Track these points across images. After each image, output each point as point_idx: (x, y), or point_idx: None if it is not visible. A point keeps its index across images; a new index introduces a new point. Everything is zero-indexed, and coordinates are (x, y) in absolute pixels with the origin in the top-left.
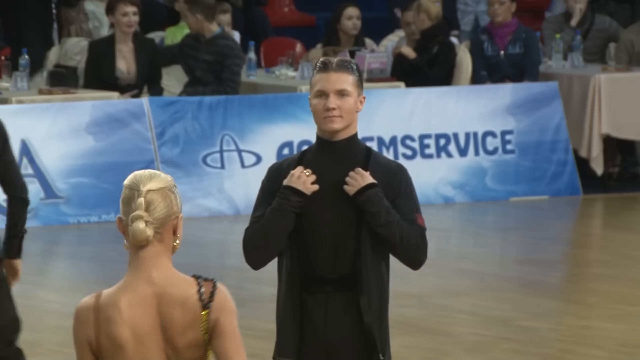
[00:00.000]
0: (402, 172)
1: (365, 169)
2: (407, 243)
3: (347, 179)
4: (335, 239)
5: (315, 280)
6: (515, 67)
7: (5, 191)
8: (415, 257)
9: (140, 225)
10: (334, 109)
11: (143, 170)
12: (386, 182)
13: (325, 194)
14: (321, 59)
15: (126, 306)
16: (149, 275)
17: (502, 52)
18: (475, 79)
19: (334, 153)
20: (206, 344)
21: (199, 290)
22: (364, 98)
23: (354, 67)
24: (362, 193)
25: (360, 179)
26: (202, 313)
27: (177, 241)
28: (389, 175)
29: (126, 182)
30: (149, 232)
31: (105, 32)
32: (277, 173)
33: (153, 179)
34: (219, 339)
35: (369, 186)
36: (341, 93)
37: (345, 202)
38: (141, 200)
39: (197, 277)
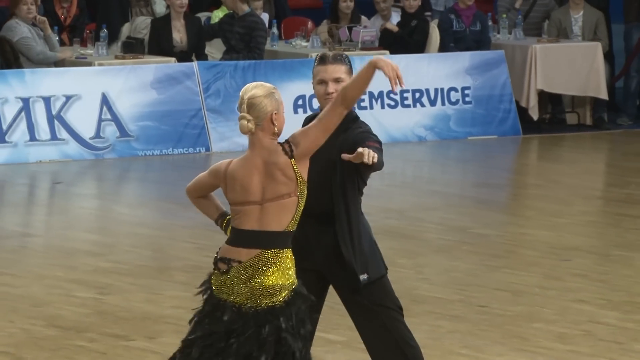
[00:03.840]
0: (362, 132)
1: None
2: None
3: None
4: (321, 185)
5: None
6: (475, 41)
7: None
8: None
9: (244, 122)
10: (332, 92)
11: (252, 83)
12: (354, 140)
13: (325, 152)
14: (320, 54)
15: (238, 167)
16: (254, 148)
17: (467, 29)
18: (444, 49)
19: None
20: (299, 181)
21: (283, 149)
22: None
23: (346, 59)
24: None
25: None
26: (291, 161)
27: (276, 129)
28: (356, 137)
29: (241, 91)
30: (251, 125)
31: (157, 7)
32: None
33: (255, 89)
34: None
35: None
36: (337, 80)
37: (336, 162)
38: (244, 105)
39: (280, 143)
